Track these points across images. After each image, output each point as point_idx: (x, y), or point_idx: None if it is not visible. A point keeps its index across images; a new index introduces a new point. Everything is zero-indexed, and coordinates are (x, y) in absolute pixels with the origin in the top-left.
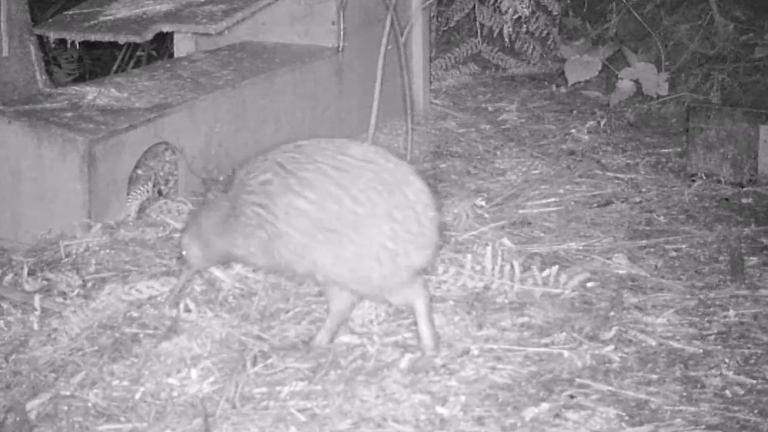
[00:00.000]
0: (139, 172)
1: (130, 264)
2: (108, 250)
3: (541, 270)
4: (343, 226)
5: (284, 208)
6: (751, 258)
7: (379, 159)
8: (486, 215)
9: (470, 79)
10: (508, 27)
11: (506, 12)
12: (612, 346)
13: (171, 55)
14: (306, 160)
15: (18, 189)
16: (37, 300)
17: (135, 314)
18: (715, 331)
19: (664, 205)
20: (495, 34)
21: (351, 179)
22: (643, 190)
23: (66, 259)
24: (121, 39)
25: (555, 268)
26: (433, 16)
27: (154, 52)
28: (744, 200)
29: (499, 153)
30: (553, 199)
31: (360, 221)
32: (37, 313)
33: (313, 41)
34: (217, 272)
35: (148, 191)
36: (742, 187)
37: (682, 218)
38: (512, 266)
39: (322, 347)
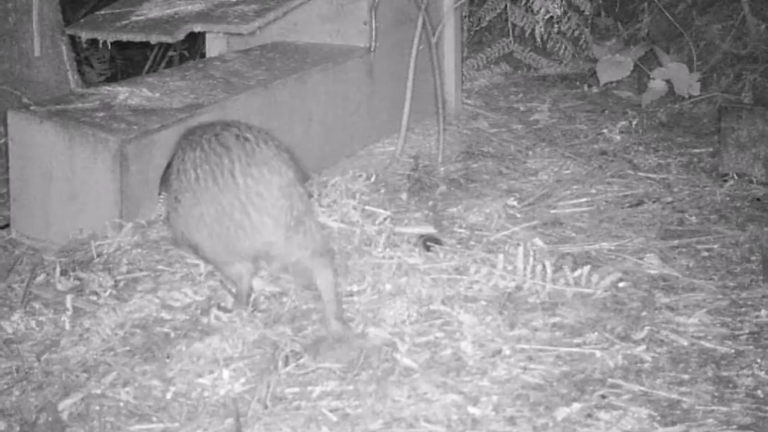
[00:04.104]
0: None
1: (162, 263)
2: (139, 250)
3: (573, 270)
4: (185, 200)
5: (174, 178)
6: None
7: (237, 148)
8: (518, 215)
9: (502, 79)
10: (540, 27)
11: (538, 12)
12: (644, 346)
13: (203, 55)
14: (198, 138)
15: (49, 189)
16: (69, 300)
17: (167, 314)
18: (747, 331)
19: (695, 205)
20: (527, 34)
21: (203, 159)
22: (675, 190)
23: (98, 259)
24: (153, 39)
25: (587, 268)
26: (465, 16)
27: (185, 52)
28: None
29: (530, 153)
30: (584, 199)
31: (195, 200)
32: (69, 313)
33: (345, 41)
34: None
35: None
36: None
37: (714, 218)
38: (544, 266)
39: (340, 330)
